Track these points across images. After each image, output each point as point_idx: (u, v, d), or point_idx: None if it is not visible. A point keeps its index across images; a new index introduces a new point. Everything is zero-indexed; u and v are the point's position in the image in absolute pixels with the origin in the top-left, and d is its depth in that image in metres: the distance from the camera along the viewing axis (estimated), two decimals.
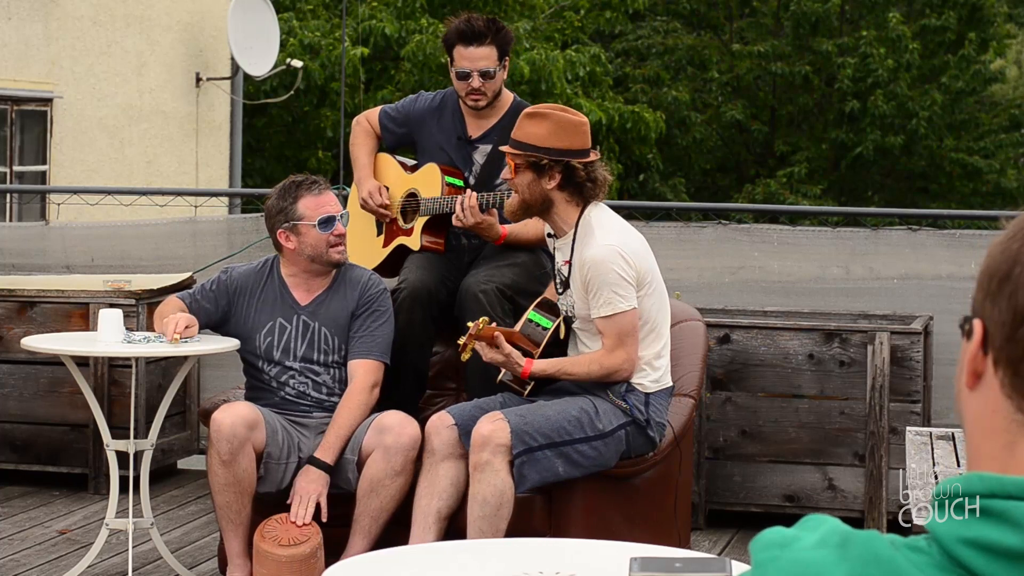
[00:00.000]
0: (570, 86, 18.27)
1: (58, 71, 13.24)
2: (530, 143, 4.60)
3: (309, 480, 4.77)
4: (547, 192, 4.62)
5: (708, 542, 6.11)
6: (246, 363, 5.10)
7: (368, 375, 4.93)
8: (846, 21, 22.86)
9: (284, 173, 19.09)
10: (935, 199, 22.05)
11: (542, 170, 4.59)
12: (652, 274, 4.69)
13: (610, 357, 4.61)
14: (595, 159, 4.65)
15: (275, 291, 5.06)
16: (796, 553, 1.18)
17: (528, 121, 4.63)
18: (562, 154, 4.58)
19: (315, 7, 19.12)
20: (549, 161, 4.58)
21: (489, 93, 5.26)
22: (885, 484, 6.11)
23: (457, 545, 4.12)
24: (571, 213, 4.66)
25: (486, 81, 5.23)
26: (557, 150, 4.58)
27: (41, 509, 6.52)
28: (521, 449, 4.56)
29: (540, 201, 4.64)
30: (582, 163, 4.60)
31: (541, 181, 4.61)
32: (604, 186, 4.66)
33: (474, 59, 5.23)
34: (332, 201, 5.00)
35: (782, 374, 6.20)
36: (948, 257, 7.02)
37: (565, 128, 4.60)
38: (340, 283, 5.04)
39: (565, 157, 4.58)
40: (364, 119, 5.56)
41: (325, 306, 5.02)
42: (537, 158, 4.59)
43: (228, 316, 5.09)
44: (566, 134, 4.59)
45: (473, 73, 5.22)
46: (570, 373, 4.65)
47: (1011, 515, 1.14)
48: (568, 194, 4.62)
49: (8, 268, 7.86)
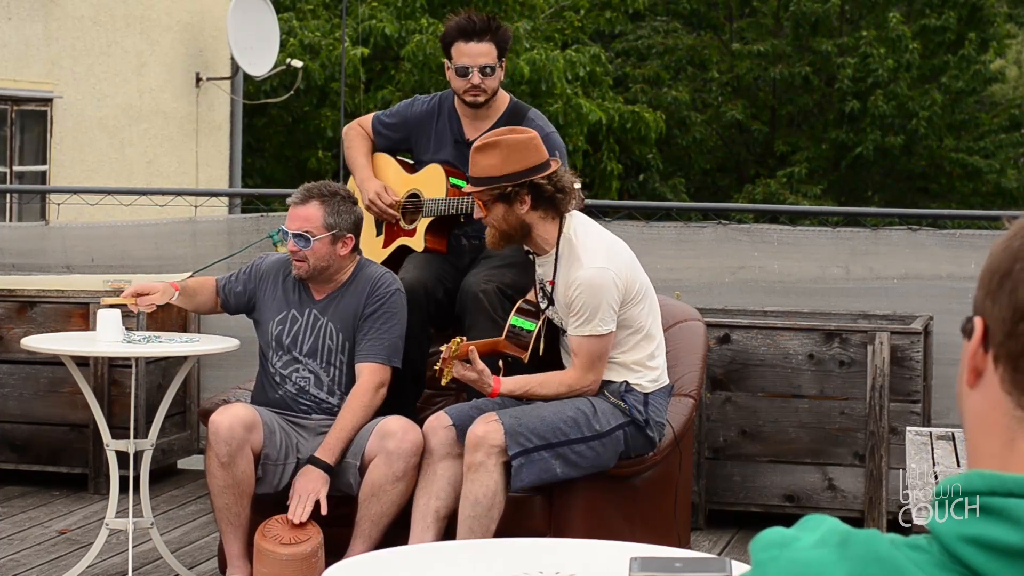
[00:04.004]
0: (570, 86, 18.27)
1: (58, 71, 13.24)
2: (489, 175, 4.59)
3: (308, 480, 4.77)
4: (522, 217, 4.61)
5: (708, 542, 6.11)
6: (260, 352, 5.14)
7: (372, 377, 4.92)
8: (846, 21, 22.86)
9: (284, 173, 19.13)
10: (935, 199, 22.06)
11: (510, 198, 4.59)
12: (639, 283, 4.68)
13: (581, 379, 4.62)
14: (556, 167, 4.64)
15: (294, 283, 5.08)
16: (796, 553, 1.18)
17: (480, 155, 4.62)
18: (523, 175, 4.57)
19: (315, 7, 19.12)
20: (513, 187, 4.57)
21: (488, 90, 5.25)
22: (885, 484, 6.11)
23: (457, 545, 4.12)
24: (550, 231, 4.65)
25: (486, 78, 5.23)
26: (517, 173, 4.57)
27: (41, 509, 6.52)
28: (517, 451, 4.56)
29: (518, 228, 4.63)
30: (545, 177, 4.60)
31: (513, 209, 4.60)
32: (574, 192, 4.64)
33: (474, 55, 5.22)
34: (292, 215, 4.95)
35: (782, 374, 6.20)
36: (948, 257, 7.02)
37: (517, 149, 4.59)
38: (355, 282, 5.04)
39: (527, 177, 4.58)
40: (356, 124, 5.56)
41: (336, 303, 5.03)
42: (501, 188, 4.58)
43: (254, 302, 5.12)
44: (520, 155, 4.59)
45: (473, 69, 5.21)
46: (538, 394, 4.65)
47: (1011, 513, 1.14)
48: (542, 211, 4.62)
49: (8, 268, 7.86)
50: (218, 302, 5.18)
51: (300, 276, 5.00)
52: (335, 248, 4.94)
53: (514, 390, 4.63)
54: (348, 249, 4.97)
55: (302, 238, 4.90)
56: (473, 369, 4.52)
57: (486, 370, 4.54)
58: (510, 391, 4.63)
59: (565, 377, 4.64)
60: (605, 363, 4.64)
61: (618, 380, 4.71)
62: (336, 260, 4.96)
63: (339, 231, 4.93)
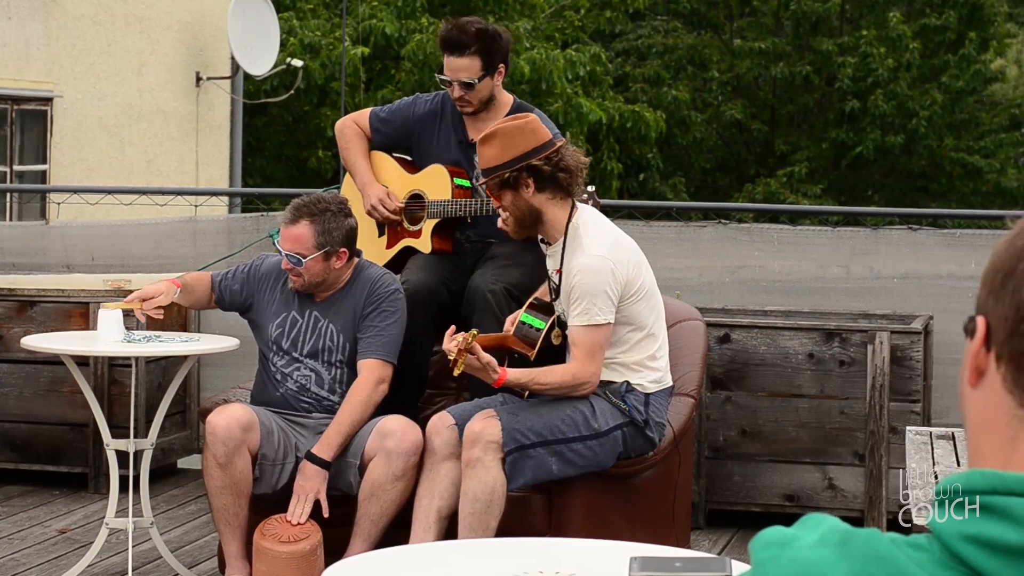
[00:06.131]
0: (570, 85, 18.27)
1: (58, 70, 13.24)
2: (491, 166, 4.64)
3: (306, 478, 4.77)
4: (531, 202, 4.63)
5: (708, 542, 6.11)
6: (260, 353, 5.13)
7: (372, 373, 4.92)
8: (846, 20, 22.87)
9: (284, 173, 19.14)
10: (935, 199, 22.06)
11: (514, 184, 4.62)
12: (642, 280, 4.68)
13: (583, 370, 4.61)
14: (560, 145, 4.66)
15: None
16: (796, 552, 1.18)
17: (483, 148, 4.67)
18: (522, 159, 4.61)
19: (315, 6, 19.12)
20: (511, 173, 4.60)
21: (474, 101, 5.23)
22: (885, 484, 6.11)
23: (455, 544, 4.12)
24: (560, 216, 4.66)
25: (466, 91, 5.21)
26: (516, 158, 4.61)
27: (41, 508, 6.52)
28: (513, 447, 4.56)
29: (529, 213, 4.65)
30: (544, 157, 4.61)
31: (520, 194, 4.63)
32: (580, 171, 4.66)
33: (455, 69, 5.20)
34: (284, 235, 4.93)
35: (782, 373, 6.20)
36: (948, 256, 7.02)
37: (512, 136, 4.62)
38: (355, 283, 5.04)
39: (524, 160, 4.60)
40: (351, 122, 5.48)
41: (337, 305, 5.02)
42: (501, 176, 4.61)
43: (251, 302, 5.11)
44: (516, 140, 4.62)
45: (453, 83, 5.21)
46: (542, 383, 4.64)
47: (1012, 511, 1.14)
48: (550, 193, 4.64)
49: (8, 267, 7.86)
50: (212, 297, 5.16)
51: (296, 290, 4.99)
52: (329, 263, 4.93)
53: (519, 378, 4.63)
54: (343, 262, 4.96)
55: (294, 258, 4.89)
56: (478, 359, 4.52)
57: (492, 361, 4.54)
58: (515, 379, 4.62)
59: (568, 367, 4.65)
60: (603, 354, 4.64)
61: (619, 380, 4.70)
62: (332, 273, 4.96)
63: (331, 248, 4.90)
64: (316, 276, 4.92)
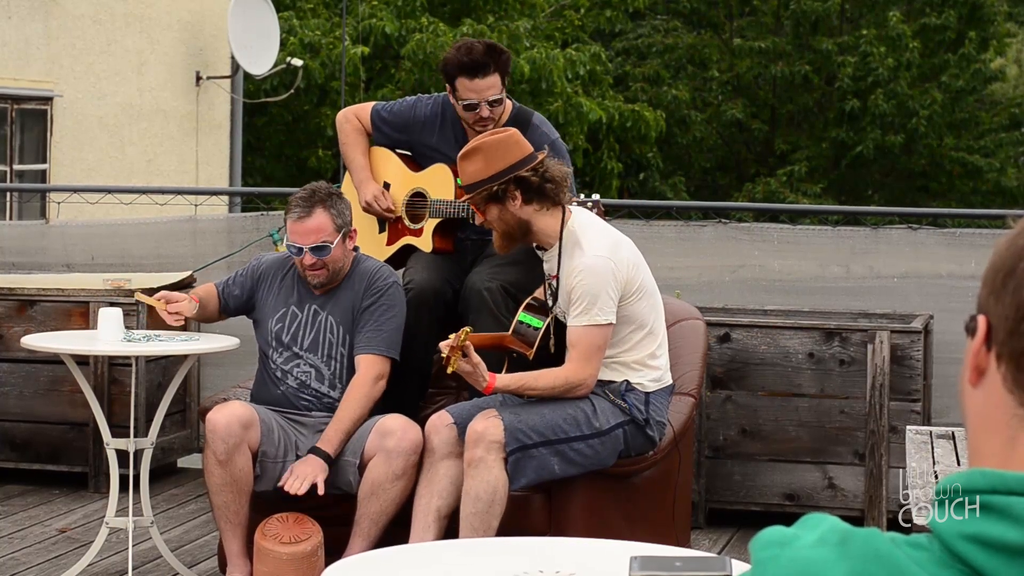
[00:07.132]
0: (570, 85, 18.27)
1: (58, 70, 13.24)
2: (476, 180, 4.65)
3: (306, 463, 4.76)
4: (518, 214, 4.65)
5: (708, 541, 6.11)
6: (260, 351, 5.14)
7: (371, 368, 4.93)
8: (846, 20, 22.87)
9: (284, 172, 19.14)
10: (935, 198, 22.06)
11: (500, 197, 4.64)
12: (642, 280, 4.68)
13: (577, 372, 4.61)
14: (542, 158, 4.67)
15: (293, 280, 5.09)
16: (796, 551, 1.18)
17: (465, 163, 4.68)
18: (506, 172, 4.62)
19: (315, 6, 19.12)
20: (499, 186, 4.61)
21: (498, 117, 5.21)
22: (885, 483, 6.11)
23: (456, 544, 4.12)
24: (551, 224, 4.66)
25: (495, 108, 5.19)
26: (500, 172, 4.62)
27: (41, 508, 6.52)
28: (515, 446, 4.56)
29: (516, 226, 4.67)
30: (530, 169, 4.62)
31: (507, 207, 4.65)
32: (565, 181, 4.67)
33: (480, 90, 5.15)
34: (302, 231, 4.94)
35: (782, 373, 6.20)
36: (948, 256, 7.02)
37: (496, 149, 4.64)
38: (353, 276, 5.07)
39: (510, 173, 4.62)
40: (352, 116, 5.45)
41: (336, 297, 5.04)
42: (488, 189, 4.62)
43: (254, 302, 5.13)
44: (499, 154, 4.63)
45: (482, 104, 5.15)
46: (533, 388, 4.64)
47: (1012, 511, 1.14)
48: (537, 204, 4.65)
49: (8, 267, 7.86)
50: (220, 307, 5.20)
51: (319, 284, 5.00)
52: (345, 246, 5.00)
53: (509, 385, 4.62)
54: (354, 242, 5.05)
55: (322, 249, 4.91)
56: (469, 362, 4.51)
57: (481, 364, 4.52)
58: (505, 386, 4.62)
59: (561, 371, 4.63)
60: (602, 357, 4.63)
61: (619, 379, 4.70)
62: (347, 257, 5.03)
63: (347, 228, 5.00)
64: (338, 262, 4.99)
